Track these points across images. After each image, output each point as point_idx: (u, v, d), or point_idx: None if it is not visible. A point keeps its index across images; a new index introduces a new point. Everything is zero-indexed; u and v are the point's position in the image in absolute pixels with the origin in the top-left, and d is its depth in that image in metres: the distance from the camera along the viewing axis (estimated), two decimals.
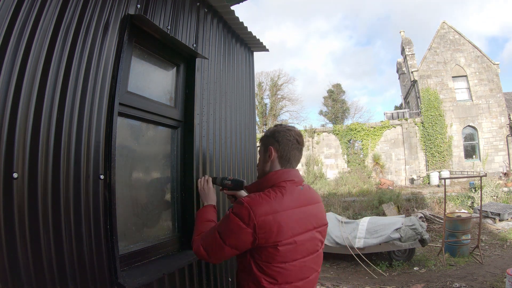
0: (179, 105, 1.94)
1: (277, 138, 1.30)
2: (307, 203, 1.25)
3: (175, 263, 1.63)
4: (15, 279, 0.96)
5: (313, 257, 1.24)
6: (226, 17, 2.43)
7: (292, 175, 1.27)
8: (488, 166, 14.98)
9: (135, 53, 1.64)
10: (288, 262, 1.16)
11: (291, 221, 1.17)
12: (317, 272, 1.28)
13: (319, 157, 17.60)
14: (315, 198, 1.32)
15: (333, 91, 31.52)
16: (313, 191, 1.36)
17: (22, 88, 1.02)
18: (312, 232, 1.24)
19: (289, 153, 1.29)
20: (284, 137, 1.30)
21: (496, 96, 15.61)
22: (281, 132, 1.31)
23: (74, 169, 1.18)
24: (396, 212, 10.10)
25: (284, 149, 1.29)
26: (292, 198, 1.20)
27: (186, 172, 1.91)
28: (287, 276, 1.16)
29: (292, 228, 1.16)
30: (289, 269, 1.16)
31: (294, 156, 1.31)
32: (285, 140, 1.29)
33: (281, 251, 1.14)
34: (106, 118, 1.34)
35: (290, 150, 1.29)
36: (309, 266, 1.22)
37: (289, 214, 1.17)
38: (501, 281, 4.75)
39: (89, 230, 1.22)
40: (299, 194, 1.24)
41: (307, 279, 1.21)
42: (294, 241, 1.16)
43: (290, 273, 1.16)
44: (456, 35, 16.60)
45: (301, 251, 1.19)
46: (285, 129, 1.32)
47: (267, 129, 1.40)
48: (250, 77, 2.93)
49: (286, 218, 1.15)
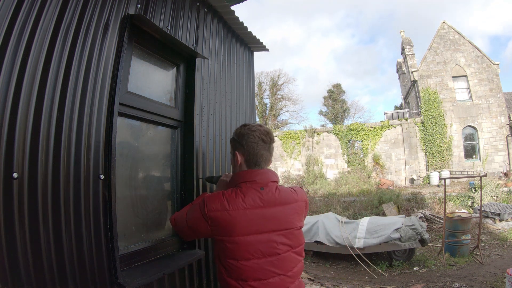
0: (179, 105, 1.94)
1: (242, 142, 1.31)
2: (266, 205, 1.22)
3: (175, 263, 1.63)
4: (15, 279, 0.96)
5: (271, 260, 1.20)
6: (226, 17, 2.43)
7: (254, 176, 1.26)
8: (488, 166, 14.98)
9: (135, 53, 1.64)
10: (238, 260, 1.19)
11: (242, 221, 1.19)
12: (282, 276, 1.21)
13: (319, 157, 17.60)
14: (280, 200, 1.25)
15: (333, 91, 31.53)
16: (282, 193, 1.27)
17: (22, 88, 1.02)
18: (269, 235, 1.21)
19: (255, 155, 1.29)
20: (248, 141, 1.29)
21: (496, 96, 15.61)
22: (245, 135, 1.31)
23: (74, 169, 1.18)
24: (396, 212, 10.10)
25: (250, 153, 1.29)
26: (246, 199, 1.21)
27: (186, 172, 1.91)
28: (240, 273, 1.19)
29: (242, 228, 1.18)
30: (241, 267, 1.19)
31: (262, 156, 1.30)
32: (250, 143, 1.29)
33: (229, 248, 1.19)
34: (106, 118, 1.34)
35: (256, 152, 1.29)
36: (266, 268, 1.19)
37: (239, 213, 1.19)
38: (501, 281, 4.74)
39: (89, 230, 1.22)
40: (255, 196, 1.22)
41: (265, 281, 1.19)
42: (242, 240, 1.18)
43: (243, 271, 1.19)
44: (456, 35, 16.60)
45: (252, 251, 1.19)
46: (249, 131, 1.31)
47: (235, 130, 1.38)
48: (250, 77, 2.93)
49: (236, 217, 1.18)
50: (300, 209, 1.31)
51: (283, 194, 1.27)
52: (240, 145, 1.31)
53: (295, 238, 1.26)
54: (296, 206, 1.29)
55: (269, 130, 1.35)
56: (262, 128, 1.33)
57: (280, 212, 1.24)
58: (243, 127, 1.34)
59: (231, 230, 1.19)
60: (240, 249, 1.19)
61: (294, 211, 1.28)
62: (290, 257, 1.24)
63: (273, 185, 1.27)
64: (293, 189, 1.34)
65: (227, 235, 1.20)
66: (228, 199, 1.21)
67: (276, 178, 1.32)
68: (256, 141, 1.29)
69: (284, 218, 1.24)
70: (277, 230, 1.22)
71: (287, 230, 1.24)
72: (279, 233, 1.22)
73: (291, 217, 1.26)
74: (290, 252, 1.24)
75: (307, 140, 17.89)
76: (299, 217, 1.30)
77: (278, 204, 1.24)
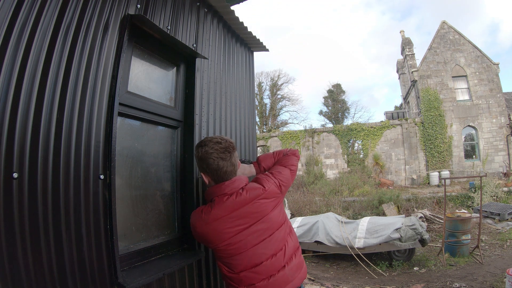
0: (179, 105, 1.94)
1: (202, 164, 1.39)
2: (238, 207, 1.34)
3: (175, 263, 1.63)
4: (15, 279, 0.96)
5: (261, 244, 1.35)
6: (226, 17, 2.43)
7: (223, 189, 1.37)
8: (488, 166, 14.97)
9: (135, 53, 1.64)
10: (234, 256, 1.34)
11: (222, 228, 1.32)
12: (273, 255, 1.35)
13: (319, 157, 17.59)
14: (250, 198, 1.36)
15: (333, 91, 31.53)
16: (250, 191, 1.37)
17: (22, 88, 1.02)
18: (252, 227, 1.35)
19: (218, 171, 1.37)
20: (208, 163, 1.37)
21: (496, 96, 15.60)
22: (204, 159, 1.37)
23: (74, 169, 1.18)
24: (396, 212, 10.09)
25: (213, 173, 1.38)
26: (221, 207, 1.33)
27: (186, 172, 1.91)
28: (239, 266, 1.34)
29: (225, 233, 1.32)
30: (239, 261, 1.34)
31: (225, 172, 1.38)
32: (210, 166, 1.36)
33: (223, 251, 1.34)
34: (106, 118, 1.34)
35: (218, 170, 1.36)
36: (259, 253, 1.34)
37: (218, 223, 1.32)
38: (501, 281, 4.74)
39: (89, 230, 1.22)
40: (227, 203, 1.34)
41: (262, 264, 1.34)
42: (231, 242, 1.32)
43: (241, 263, 1.34)
44: (456, 35, 16.59)
45: (244, 245, 1.33)
46: (206, 155, 1.36)
47: (195, 150, 1.43)
48: (250, 77, 2.93)
49: (216, 228, 1.32)
50: (270, 195, 1.40)
51: (251, 191, 1.38)
52: (203, 167, 1.40)
53: (271, 221, 1.39)
54: (265, 196, 1.39)
55: (227, 144, 1.40)
56: (219, 146, 1.37)
57: (251, 208, 1.36)
58: (200, 149, 1.39)
59: (216, 238, 1.33)
60: (233, 247, 1.33)
61: (264, 200, 1.38)
62: (276, 236, 1.39)
63: (242, 189, 1.38)
64: (258, 182, 1.43)
65: (214, 244, 1.35)
66: (208, 213, 1.34)
67: (245, 182, 1.42)
68: (216, 162, 1.36)
69: (257, 210, 1.36)
70: (257, 220, 1.36)
71: (264, 217, 1.38)
72: (259, 222, 1.36)
73: (263, 206, 1.38)
74: (275, 233, 1.39)
75: (307, 140, 17.88)
76: (272, 203, 1.41)
77: (248, 201, 1.36)
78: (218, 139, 1.40)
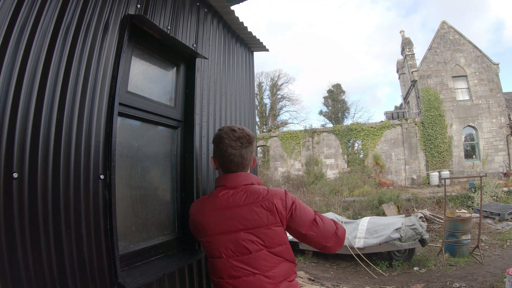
0: (179, 105, 1.94)
1: (215, 148, 1.37)
2: (232, 206, 1.25)
3: (175, 263, 1.63)
4: (15, 279, 0.96)
5: (241, 258, 1.22)
6: (226, 17, 2.43)
7: (225, 181, 1.33)
8: (488, 166, 14.97)
9: (135, 53, 1.64)
10: (214, 258, 1.29)
11: (211, 222, 1.28)
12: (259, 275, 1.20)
13: (319, 157, 17.60)
14: (247, 200, 1.24)
15: (333, 91, 31.55)
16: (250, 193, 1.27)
17: (22, 88, 1.02)
18: (237, 234, 1.23)
19: (226, 159, 1.32)
20: (218, 147, 1.34)
21: (496, 96, 15.61)
22: (216, 142, 1.35)
23: (74, 169, 1.18)
24: (396, 212, 10.09)
25: (219, 156, 1.35)
26: (213, 201, 1.30)
27: (186, 172, 1.91)
28: (217, 271, 1.28)
29: (210, 229, 1.28)
30: (216, 265, 1.28)
31: (231, 162, 1.32)
32: (219, 150, 1.34)
33: (206, 247, 1.32)
34: (106, 118, 1.34)
35: (226, 157, 1.32)
36: (237, 266, 1.22)
37: (207, 215, 1.29)
38: (501, 281, 4.75)
39: (89, 230, 1.22)
40: (223, 198, 1.28)
41: (240, 279, 1.22)
42: (213, 239, 1.27)
43: (218, 268, 1.27)
44: (456, 35, 16.60)
45: (223, 250, 1.25)
46: (219, 138, 1.34)
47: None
48: (250, 77, 2.93)
49: (205, 218, 1.29)
50: (269, 206, 1.23)
51: (251, 194, 1.26)
52: (214, 152, 1.38)
53: (267, 237, 1.23)
54: (264, 204, 1.23)
55: (242, 134, 1.33)
56: (233, 134, 1.32)
57: (246, 212, 1.24)
58: (218, 132, 1.38)
59: (202, 231, 1.31)
60: (212, 247, 1.28)
61: (261, 209, 1.23)
62: (265, 256, 1.22)
63: (244, 187, 1.30)
64: (266, 189, 1.29)
65: (199, 235, 1.34)
66: (204, 201, 1.34)
67: (251, 180, 1.33)
68: (225, 148, 1.32)
69: (251, 217, 1.23)
70: (245, 229, 1.23)
71: (256, 228, 1.23)
72: (248, 232, 1.23)
73: (259, 215, 1.23)
74: (264, 251, 1.22)
75: (307, 140, 17.88)
76: (271, 216, 1.23)
77: (244, 204, 1.25)
78: (236, 127, 1.35)
